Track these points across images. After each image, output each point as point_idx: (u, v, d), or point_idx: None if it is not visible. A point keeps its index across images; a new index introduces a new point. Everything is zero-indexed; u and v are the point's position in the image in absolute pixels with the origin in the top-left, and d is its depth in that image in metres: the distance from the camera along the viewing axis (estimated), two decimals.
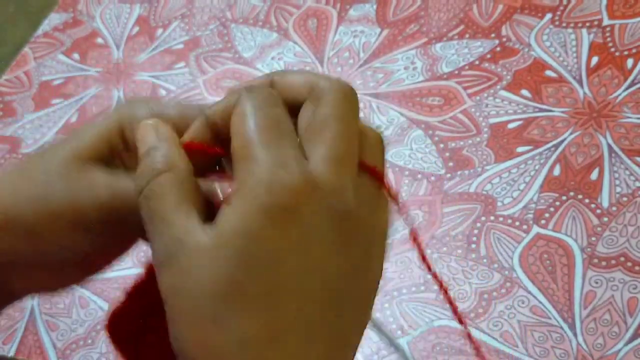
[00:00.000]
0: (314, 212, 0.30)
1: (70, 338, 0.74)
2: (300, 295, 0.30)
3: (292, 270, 0.30)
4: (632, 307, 0.65)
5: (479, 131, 0.79)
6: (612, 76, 0.80)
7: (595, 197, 0.71)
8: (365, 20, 0.93)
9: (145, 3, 1.03)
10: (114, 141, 0.39)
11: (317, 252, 0.30)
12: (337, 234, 0.31)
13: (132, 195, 0.37)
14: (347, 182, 0.32)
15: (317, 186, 0.31)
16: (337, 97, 0.33)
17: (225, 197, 0.32)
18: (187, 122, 0.38)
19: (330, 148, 0.32)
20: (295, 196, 0.30)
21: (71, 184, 0.38)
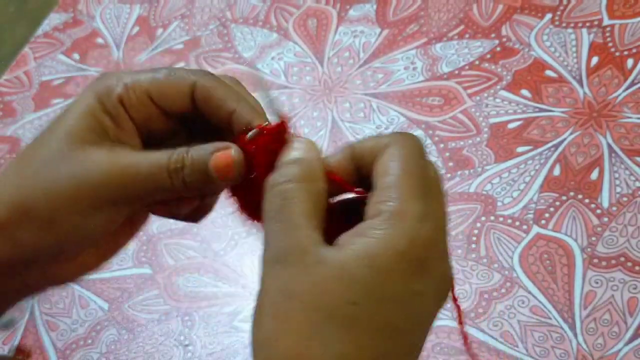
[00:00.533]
0: (436, 270, 0.33)
1: (70, 338, 0.74)
2: (394, 340, 0.32)
3: (401, 317, 0.32)
4: (632, 307, 0.65)
5: (479, 131, 0.79)
6: (612, 76, 0.80)
7: (595, 197, 0.71)
8: (365, 20, 0.93)
9: (145, 3, 1.03)
10: (99, 116, 0.40)
11: (426, 306, 0.33)
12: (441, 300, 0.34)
13: (136, 168, 0.38)
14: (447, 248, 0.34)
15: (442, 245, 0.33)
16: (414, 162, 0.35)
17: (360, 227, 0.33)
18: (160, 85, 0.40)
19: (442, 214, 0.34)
20: (427, 250, 0.32)
21: (75, 167, 0.38)
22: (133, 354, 0.72)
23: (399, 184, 0.33)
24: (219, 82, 0.41)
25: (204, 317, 0.73)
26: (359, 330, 0.31)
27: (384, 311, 0.31)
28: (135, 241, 0.79)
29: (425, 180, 0.33)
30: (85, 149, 0.39)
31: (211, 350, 0.70)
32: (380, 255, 0.31)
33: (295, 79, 0.89)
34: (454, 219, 0.73)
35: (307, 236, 0.32)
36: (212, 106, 0.41)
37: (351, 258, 0.31)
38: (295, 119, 0.85)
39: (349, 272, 0.31)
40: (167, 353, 0.71)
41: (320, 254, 0.32)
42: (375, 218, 0.32)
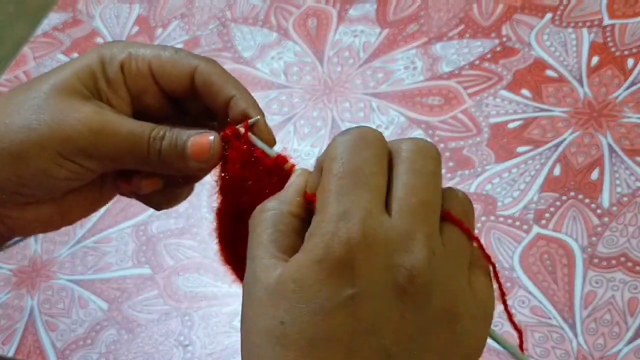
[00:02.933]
0: (372, 269, 0.30)
1: (69, 338, 0.74)
2: (346, 351, 0.30)
3: (340, 325, 0.30)
4: (632, 307, 0.65)
5: (479, 131, 0.79)
6: (613, 76, 0.80)
7: (596, 197, 0.71)
8: (365, 20, 0.92)
9: (144, 2, 1.02)
10: (97, 77, 0.41)
11: (368, 310, 0.30)
12: (399, 294, 0.30)
13: (116, 128, 0.39)
14: (418, 237, 0.31)
15: (378, 240, 0.30)
16: (412, 151, 0.33)
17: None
18: (163, 61, 0.41)
19: (401, 200, 0.31)
20: (350, 250, 0.30)
21: (58, 114, 0.39)
22: (133, 354, 0.72)
23: (320, 188, 0.32)
24: (220, 68, 0.42)
25: (203, 317, 0.73)
26: (292, 348, 0.30)
27: (312, 325, 0.30)
28: (134, 241, 0.79)
29: (352, 176, 0.31)
30: (72, 100, 0.39)
31: (211, 350, 0.70)
32: (301, 268, 0.30)
33: (295, 79, 0.89)
34: None
35: (261, 264, 0.32)
36: (211, 90, 0.41)
37: (282, 277, 0.31)
38: (295, 118, 0.85)
39: (279, 291, 0.31)
40: (167, 353, 0.71)
41: (266, 279, 0.32)
42: (308, 234, 0.32)
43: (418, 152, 0.33)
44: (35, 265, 0.80)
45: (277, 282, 0.31)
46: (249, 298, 0.33)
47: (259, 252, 0.33)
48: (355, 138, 0.33)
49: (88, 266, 0.79)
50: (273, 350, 0.31)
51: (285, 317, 0.30)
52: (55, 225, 0.43)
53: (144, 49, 0.42)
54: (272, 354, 0.31)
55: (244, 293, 0.33)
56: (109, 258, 0.79)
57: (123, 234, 0.80)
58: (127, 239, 0.80)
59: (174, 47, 0.43)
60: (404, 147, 0.33)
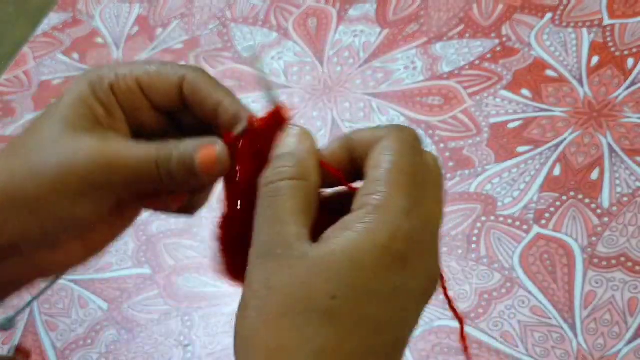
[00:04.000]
0: (417, 266, 0.32)
1: (69, 338, 0.74)
2: (375, 335, 0.32)
3: (381, 311, 0.32)
4: (632, 307, 0.65)
5: (479, 131, 0.79)
6: (613, 76, 0.80)
7: (596, 197, 0.71)
8: (365, 20, 0.92)
9: (144, 2, 1.02)
10: (91, 103, 0.40)
11: (405, 304, 0.32)
12: (422, 296, 0.33)
13: (125, 157, 0.39)
14: (438, 247, 0.34)
15: (426, 242, 0.33)
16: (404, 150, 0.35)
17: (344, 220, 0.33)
18: (151, 75, 0.40)
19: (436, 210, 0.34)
20: (409, 245, 0.32)
21: (65, 153, 0.39)
22: (133, 354, 0.72)
23: (387, 178, 0.33)
24: (207, 76, 0.42)
25: (203, 317, 0.73)
26: (338, 324, 0.31)
27: (364, 305, 0.31)
28: (134, 241, 0.79)
29: (415, 177, 0.33)
30: (77, 135, 0.39)
31: (211, 350, 0.70)
32: (361, 249, 0.31)
33: (295, 79, 0.89)
34: (454, 219, 0.73)
35: (292, 232, 0.33)
36: (198, 98, 0.41)
37: (332, 252, 0.31)
38: (295, 118, 0.85)
39: (329, 265, 0.31)
40: (167, 353, 0.71)
41: (302, 248, 0.32)
42: (359, 211, 0.32)
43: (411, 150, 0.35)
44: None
45: (327, 255, 0.31)
46: (276, 264, 0.32)
47: (289, 218, 0.33)
48: (413, 139, 0.35)
49: (88, 266, 0.79)
50: (319, 322, 0.31)
51: (338, 293, 0.31)
52: (82, 260, 0.43)
53: (130, 67, 0.42)
54: (318, 326, 0.31)
55: (264, 257, 0.33)
56: (109, 258, 0.79)
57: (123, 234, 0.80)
58: (127, 239, 0.80)
59: (160, 61, 0.43)
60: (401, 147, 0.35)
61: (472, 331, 0.67)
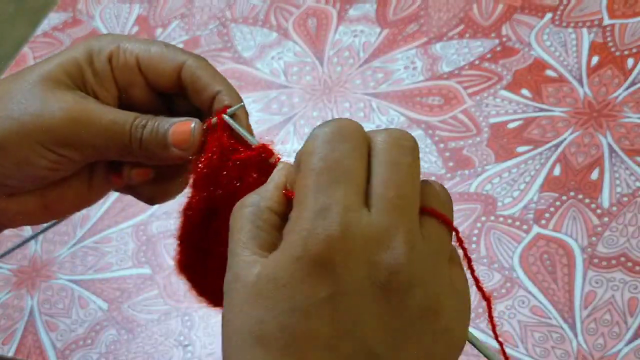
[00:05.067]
0: (351, 266, 0.29)
1: (69, 338, 0.74)
2: (327, 350, 0.29)
3: (320, 324, 0.29)
4: (632, 307, 0.65)
5: (479, 131, 0.79)
6: (613, 76, 0.80)
7: (596, 197, 0.71)
8: (365, 20, 0.92)
9: (145, 2, 1.02)
10: (83, 67, 0.41)
11: (349, 308, 0.29)
12: (380, 290, 0.29)
13: (98, 117, 0.39)
14: (397, 233, 0.30)
15: (357, 237, 0.29)
16: (387, 142, 0.32)
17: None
18: (151, 55, 0.41)
19: (379, 195, 0.30)
20: (328, 248, 0.29)
21: (39, 103, 0.39)
22: (133, 354, 0.72)
23: (298, 184, 0.31)
24: (207, 65, 0.42)
25: (203, 317, 0.73)
26: (271, 347, 0.29)
27: (292, 324, 0.29)
28: (134, 241, 0.79)
29: (330, 171, 0.30)
30: (55, 90, 0.39)
31: (211, 350, 0.70)
32: (279, 266, 0.30)
33: (295, 79, 0.89)
34: (454, 219, 0.73)
35: (241, 262, 0.31)
36: (197, 85, 0.41)
37: (260, 275, 0.30)
38: (295, 118, 0.85)
39: (257, 290, 0.30)
40: (167, 353, 0.71)
41: (245, 277, 0.31)
42: (285, 232, 0.31)
43: (393, 143, 0.32)
44: (35, 265, 0.80)
45: (256, 280, 0.30)
46: (228, 297, 0.32)
47: (238, 249, 0.32)
48: (334, 130, 0.31)
49: (88, 266, 0.79)
50: (253, 349, 0.30)
51: (264, 316, 0.30)
52: (40, 218, 0.43)
53: (132, 42, 0.42)
54: (251, 353, 0.30)
55: (225, 292, 0.32)
56: (109, 258, 0.79)
57: (123, 234, 0.80)
58: (127, 239, 0.80)
59: (164, 42, 0.43)
60: (379, 138, 0.32)
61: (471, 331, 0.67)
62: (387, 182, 0.31)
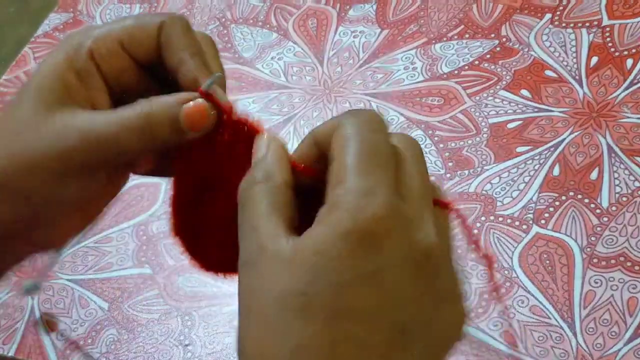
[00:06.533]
0: (395, 243, 0.31)
1: (70, 338, 0.74)
2: (365, 322, 0.30)
3: (361, 297, 0.30)
4: (631, 307, 0.65)
5: (478, 131, 0.79)
6: (612, 76, 0.80)
7: (595, 197, 0.72)
8: (365, 20, 0.93)
9: (145, 3, 1.03)
10: (66, 76, 0.39)
11: (391, 284, 0.31)
12: (416, 269, 0.31)
13: (98, 130, 0.38)
14: (427, 218, 0.32)
15: (399, 218, 0.31)
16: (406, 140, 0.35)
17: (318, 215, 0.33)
18: (129, 30, 0.39)
19: (409, 185, 0.33)
20: (376, 225, 0.30)
21: (44, 133, 0.38)
22: (133, 354, 0.72)
23: (343, 165, 0.32)
24: (183, 27, 0.40)
25: (203, 317, 0.73)
26: (312, 320, 0.30)
27: (337, 297, 0.30)
28: (135, 241, 0.79)
29: (374, 156, 0.32)
30: (49, 115, 0.38)
31: (211, 350, 0.71)
32: (326, 240, 0.31)
33: (295, 79, 0.89)
34: (454, 219, 0.73)
35: (265, 236, 0.32)
36: (167, 51, 0.40)
37: (300, 249, 0.31)
38: (295, 118, 0.85)
39: (298, 262, 0.31)
40: (167, 353, 0.71)
41: (276, 249, 0.32)
42: (326, 205, 0.32)
43: (411, 141, 0.35)
44: (36, 266, 0.80)
45: (294, 253, 0.31)
46: (254, 269, 0.32)
47: (260, 222, 0.33)
48: (369, 120, 0.34)
49: (88, 266, 0.79)
50: (293, 321, 0.31)
51: (307, 289, 0.30)
52: (82, 229, 0.43)
53: (108, 27, 0.40)
54: (292, 324, 0.31)
55: (245, 265, 0.33)
56: (109, 258, 0.79)
57: (123, 234, 0.80)
58: (127, 239, 0.80)
59: (135, 15, 0.41)
60: (396, 138, 0.35)
61: (471, 331, 0.67)
62: (412, 173, 0.33)
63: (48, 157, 0.38)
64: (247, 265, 0.33)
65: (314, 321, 0.30)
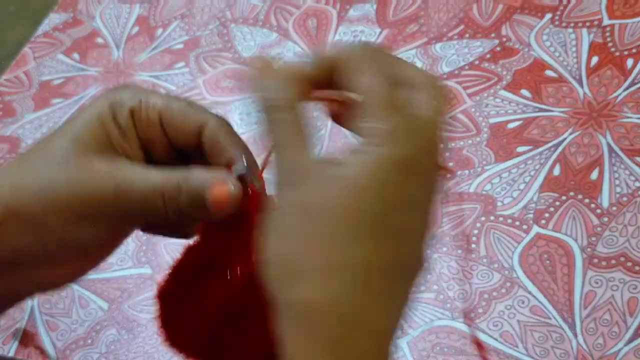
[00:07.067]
0: (430, 170, 0.35)
1: (70, 338, 0.74)
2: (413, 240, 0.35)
3: (408, 219, 0.34)
4: (632, 307, 0.65)
5: (479, 131, 0.79)
6: (612, 76, 0.80)
7: (595, 197, 0.71)
8: (365, 20, 0.93)
9: (145, 3, 1.03)
10: (109, 126, 0.39)
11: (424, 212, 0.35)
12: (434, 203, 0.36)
13: (134, 185, 0.38)
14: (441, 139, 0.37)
15: (436, 154, 0.36)
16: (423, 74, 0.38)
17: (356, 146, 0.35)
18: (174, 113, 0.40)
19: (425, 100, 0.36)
20: (420, 154, 0.34)
21: (74, 175, 0.38)
22: (133, 354, 0.72)
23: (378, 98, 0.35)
24: (229, 127, 0.42)
25: None
26: (373, 235, 0.33)
27: (392, 216, 0.33)
28: (135, 241, 0.79)
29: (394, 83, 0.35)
30: (87, 158, 0.38)
31: None
32: (381, 166, 0.33)
33: None
34: (454, 219, 0.73)
35: (311, 156, 0.34)
36: (216, 149, 0.41)
37: (354, 171, 0.33)
38: None
39: (356, 183, 0.33)
40: (167, 353, 0.71)
41: (323, 170, 0.34)
42: (370, 137, 0.34)
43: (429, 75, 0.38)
44: None
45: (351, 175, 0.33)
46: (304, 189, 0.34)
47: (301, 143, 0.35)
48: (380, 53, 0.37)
49: None
50: (355, 238, 0.33)
51: (367, 207, 0.33)
52: (83, 274, 0.43)
53: (154, 98, 0.41)
54: (355, 242, 0.33)
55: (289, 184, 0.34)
56: (109, 258, 0.79)
57: None
58: (128, 238, 0.80)
59: (187, 100, 0.41)
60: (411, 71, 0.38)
61: (469, 330, 0.67)
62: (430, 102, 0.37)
63: (79, 199, 0.38)
64: (296, 183, 0.34)
65: (369, 240, 0.33)
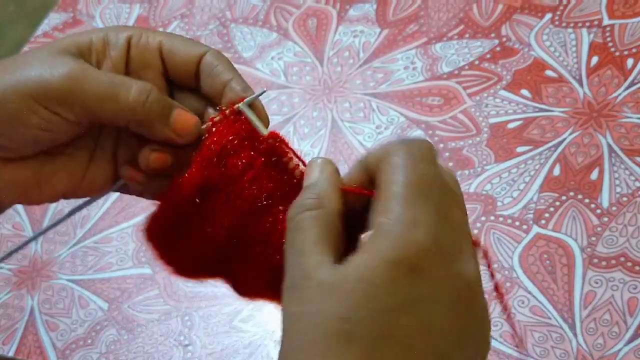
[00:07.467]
0: (436, 274, 0.32)
1: (70, 338, 0.74)
2: (405, 350, 0.31)
3: (403, 325, 0.32)
4: (632, 307, 0.65)
5: (478, 131, 0.79)
6: (612, 76, 0.80)
7: (595, 197, 0.71)
8: (365, 20, 0.93)
9: (145, 3, 1.03)
10: (96, 46, 0.42)
11: (432, 313, 0.32)
12: (457, 299, 0.33)
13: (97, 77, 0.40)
14: (466, 249, 0.34)
15: (443, 248, 0.32)
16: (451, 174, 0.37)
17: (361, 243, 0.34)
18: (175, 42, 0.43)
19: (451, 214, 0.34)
20: (420, 255, 0.32)
21: (44, 65, 0.40)
22: (133, 354, 0.72)
23: (391, 194, 0.33)
24: (224, 57, 0.45)
25: (203, 317, 0.73)
26: (356, 344, 0.31)
27: (381, 322, 0.31)
28: (134, 241, 0.79)
29: (422, 187, 0.34)
30: (65, 55, 0.41)
31: (211, 350, 0.70)
32: (372, 267, 0.32)
33: (295, 79, 0.89)
34: None
35: (312, 262, 0.33)
36: (212, 74, 0.43)
37: (344, 275, 0.32)
38: (295, 118, 0.85)
39: (342, 288, 0.32)
40: (167, 353, 0.71)
41: (320, 277, 0.33)
42: (370, 231, 0.33)
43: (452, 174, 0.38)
44: (36, 265, 0.80)
45: (339, 280, 0.32)
46: (298, 295, 0.33)
47: (308, 249, 0.34)
48: (419, 149, 0.35)
49: (88, 266, 0.79)
50: (336, 345, 0.31)
51: (351, 314, 0.31)
52: (32, 195, 0.43)
53: (155, 32, 0.44)
54: (335, 348, 0.31)
55: (290, 289, 0.34)
56: (109, 258, 0.79)
57: (123, 234, 0.80)
58: (127, 239, 0.80)
59: (183, 36, 0.45)
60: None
61: None
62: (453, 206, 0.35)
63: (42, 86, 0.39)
64: (292, 290, 0.34)
65: (356, 346, 0.31)
